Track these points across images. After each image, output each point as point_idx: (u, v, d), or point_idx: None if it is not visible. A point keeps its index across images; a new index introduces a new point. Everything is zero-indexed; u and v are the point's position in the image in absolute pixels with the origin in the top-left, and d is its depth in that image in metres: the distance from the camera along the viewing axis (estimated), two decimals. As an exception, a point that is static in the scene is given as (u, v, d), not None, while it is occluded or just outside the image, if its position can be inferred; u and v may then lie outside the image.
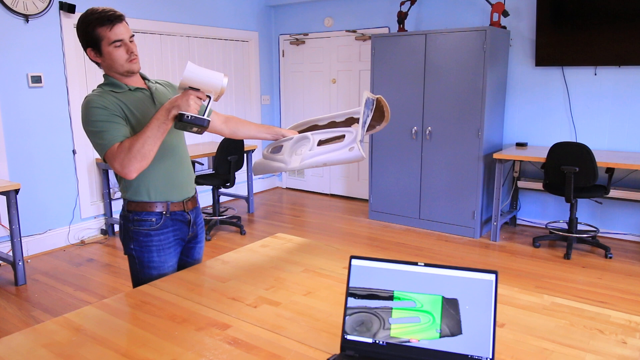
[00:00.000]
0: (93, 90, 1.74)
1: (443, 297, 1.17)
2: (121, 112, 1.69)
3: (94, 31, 1.65)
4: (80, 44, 1.74)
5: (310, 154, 1.79)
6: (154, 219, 1.80)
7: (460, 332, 1.14)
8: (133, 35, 1.75)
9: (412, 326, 1.17)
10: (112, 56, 1.68)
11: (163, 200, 1.82)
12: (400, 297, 1.19)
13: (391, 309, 1.19)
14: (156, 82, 1.90)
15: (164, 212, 1.82)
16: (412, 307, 1.18)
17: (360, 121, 1.74)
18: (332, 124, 2.05)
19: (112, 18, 1.66)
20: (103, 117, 1.64)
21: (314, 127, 2.12)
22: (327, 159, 1.70)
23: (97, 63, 1.75)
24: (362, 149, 1.69)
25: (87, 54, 1.73)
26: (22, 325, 3.06)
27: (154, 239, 1.81)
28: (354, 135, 1.75)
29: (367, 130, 2.00)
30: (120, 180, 1.83)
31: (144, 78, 1.85)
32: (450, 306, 1.16)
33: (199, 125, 1.59)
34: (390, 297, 1.20)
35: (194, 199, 1.97)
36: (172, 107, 1.59)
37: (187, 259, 1.98)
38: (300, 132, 2.10)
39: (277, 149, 2.01)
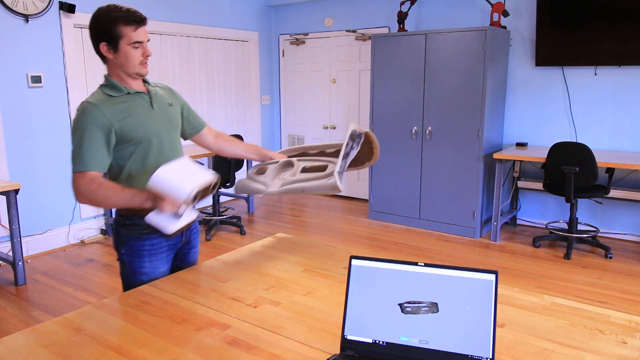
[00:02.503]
0: (92, 94, 1.72)
1: (442, 298, 1.17)
2: (109, 127, 1.66)
3: (116, 27, 1.65)
4: (90, 39, 1.72)
5: (290, 180, 1.77)
6: (145, 223, 1.76)
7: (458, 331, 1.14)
8: (149, 40, 1.76)
9: (412, 326, 1.17)
10: (128, 56, 1.69)
11: None
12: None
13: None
14: (156, 86, 1.89)
15: None
16: (413, 307, 1.18)
17: (342, 152, 1.70)
18: (322, 154, 2.02)
19: (139, 20, 1.68)
20: (88, 136, 1.63)
21: (303, 154, 2.09)
22: (305, 187, 1.67)
23: (103, 58, 1.73)
24: (340, 180, 1.64)
25: (97, 48, 1.71)
26: (22, 325, 3.06)
27: (145, 244, 1.78)
28: (337, 160, 1.73)
29: (354, 166, 1.96)
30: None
31: (145, 81, 1.85)
32: (450, 306, 1.16)
33: (160, 230, 1.62)
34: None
35: None
36: (150, 200, 1.62)
37: (181, 265, 1.95)
38: (289, 157, 2.08)
39: (262, 171, 2.00)
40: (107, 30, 1.66)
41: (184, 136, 2.01)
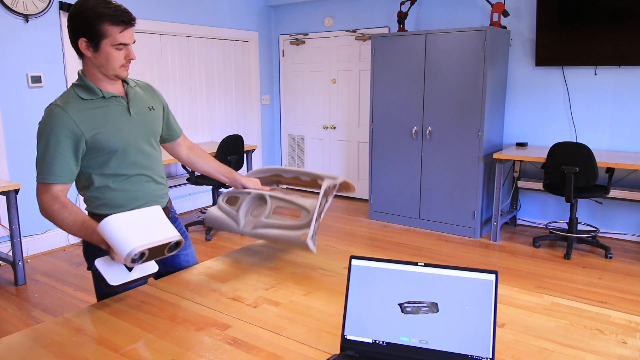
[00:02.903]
0: (62, 95, 1.59)
1: (442, 298, 1.17)
2: (78, 136, 1.54)
3: (101, 25, 1.50)
4: (67, 30, 1.57)
5: (263, 223, 1.69)
6: None
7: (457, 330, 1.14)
8: (134, 42, 1.62)
9: (412, 326, 1.17)
10: (110, 57, 1.55)
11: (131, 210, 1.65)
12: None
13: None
14: (136, 85, 1.75)
15: None
16: (413, 307, 1.18)
17: (315, 213, 1.58)
18: (297, 179, 1.93)
19: (128, 20, 1.54)
20: (54, 144, 1.51)
21: (276, 177, 1.99)
22: (278, 237, 1.61)
23: (79, 54, 1.58)
24: (313, 243, 1.55)
25: (74, 42, 1.55)
26: (22, 325, 3.06)
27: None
28: (310, 220, 1.60)
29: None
30: (80, 189, 1.70)
31: (124, 81, 1.71)
32: (450, 306, 1.16)
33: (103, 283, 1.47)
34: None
35: (166, 209, 1.82)
36: (104, 244, 1.46)
37: (173, 270, 1.83)
38: (262, 179, 1.98)
39: (232, 200, 1.90)
40: (89, 26, 1.50)
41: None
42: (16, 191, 3.52)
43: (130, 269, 1.50)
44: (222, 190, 5.78)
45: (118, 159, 1.65)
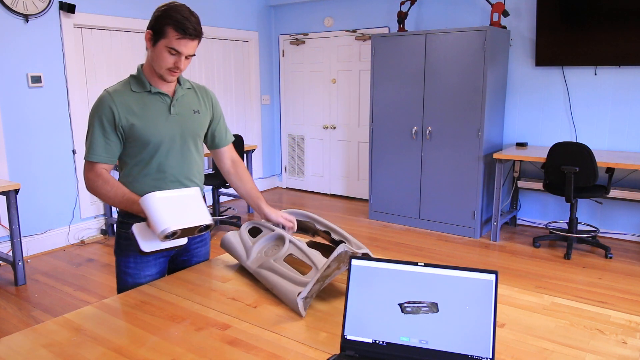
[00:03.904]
0: (118, 82, 1.73)
1: (442, 298, 1.17)
2: (116, 121, 1.66)
3: (165, 26, 1.62)
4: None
5: (270, 265, 1.63)
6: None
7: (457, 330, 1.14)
8: (192, 55, 1.70)
9: (412, 326, 1.17)
10: (160, 56, 1.65)
11: None
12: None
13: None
14: (190, 88, 1.83)
15: None
16: (413, 307, 1.18)
17: (318, 274, 1.44)
18: (326, 234, 1.86)
19: (190, 32, 1.63)
20: (98, 126, 1.66)
21: (309, 225, 1.93)
22: (276, 285, 1.55)
23: (146, 44, 1.71)
24: (304, 306, 1.45)
25: (146, 31, 1.68)
26: (22, 325, 3.06)
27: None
28: (310, 280, 1.48)
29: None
30: (118, 171, 1.81)
31: (179, 82, 1.79)
32: (450, 306, 1.16)
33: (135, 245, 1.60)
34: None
35: None
36: (140, 213, 1.61)
37: (187, 260, 1.90)
38: (298, 222, 1.93)
39: (255, 230, 1.90)
40: (158, 22, 1.64)
41: (205, 145, 1.96)
42: (16, 191, 3.52)
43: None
44: (222, 190, 5.79)
45: (149, 152, 1.72)
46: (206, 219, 1.60)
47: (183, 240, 1.67)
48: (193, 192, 1.67)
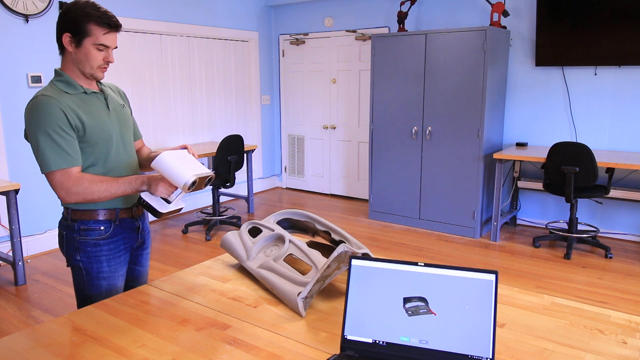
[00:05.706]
0: (45, 89, 1.62)
1: (442, 298, 1.17)
2: (76, 122, 1.61)
3: (87, 24, 1.58)
4: (56, 25, 1.65)
5: (270, 265, 1.64)
6: (102, 228, 1.72)
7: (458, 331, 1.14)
8: (116, 47, 1.69)
9: (412, 326, 1.17)
10: (89, 55, 1.62)
11: (111, 208, 1.74)
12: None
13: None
14: (107, 86, 1.83)
15: (114, 220, 1.75)
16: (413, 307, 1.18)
17: (318, 274, 1.44)
18: (326, 234, 1.87)
19: (113, 25, 1.63)
20: (58, 130, 1.56)
21: (309, 225, 1.93)
22: (276, 285, 1.55)
23: (61, 49, 1.65)
24: (304, 306, 1.45)
25: (59, 36, 1.63)
26: (22, 325, 3.06)
27: (103, 249, 1.73)
28: (310, 280, 1.48)
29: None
30: None
31: (97, 81, 1.78)
32: (450, 306, 1.16)
33: (152, 213, 1.67)
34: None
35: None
36: (145, 184, 1.64)
37: (134, 267, 1.93)
38: (297, 223, 1.95)
39: (255, 230, 1.91)
40: (76, 23, 1.59)
41: None
42: (16, 191, 3.52)
43: (168, 202, 1.70)
44: (222, 190, 5.79)
45: (101, 151, 1.70)
46: (209, 170, 1.69)
47: (182, 203, 1.75)
48: (185, 151, 1.73)
